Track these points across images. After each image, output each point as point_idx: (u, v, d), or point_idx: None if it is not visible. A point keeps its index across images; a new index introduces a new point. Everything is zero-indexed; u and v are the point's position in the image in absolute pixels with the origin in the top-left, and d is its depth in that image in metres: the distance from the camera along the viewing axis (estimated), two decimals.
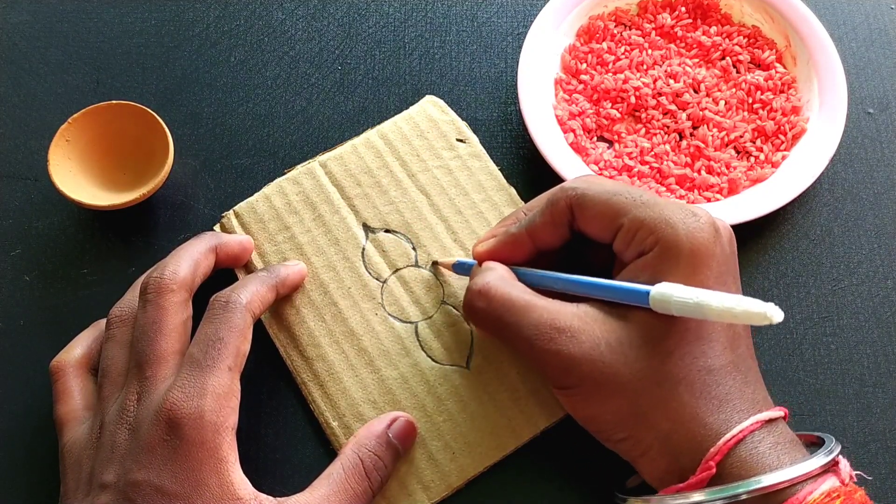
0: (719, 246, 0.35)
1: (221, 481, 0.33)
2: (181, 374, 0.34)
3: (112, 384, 0.36)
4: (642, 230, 0.34)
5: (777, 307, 0.29)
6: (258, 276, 0.39)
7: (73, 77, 0.49)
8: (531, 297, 0.36)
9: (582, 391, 0.34)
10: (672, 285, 0.32)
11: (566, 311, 0.35)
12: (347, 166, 0.45)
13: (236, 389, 0.35)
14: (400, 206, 0.44)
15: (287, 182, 0.44)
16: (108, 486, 0.33)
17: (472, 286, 0.37)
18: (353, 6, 0.52)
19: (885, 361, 0.43)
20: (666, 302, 0.32)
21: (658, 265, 0.34)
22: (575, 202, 0.36)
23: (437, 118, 0.47)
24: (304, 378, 0.41)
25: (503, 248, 0.39)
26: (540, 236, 0.38)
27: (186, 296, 0.37)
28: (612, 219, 0.35)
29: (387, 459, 0.37)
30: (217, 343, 0.35)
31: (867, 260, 0.45)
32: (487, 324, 0.37)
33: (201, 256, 0.39)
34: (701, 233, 0.34)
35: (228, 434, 0.34)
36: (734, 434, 0.32)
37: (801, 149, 0.46)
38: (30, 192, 0.46)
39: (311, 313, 0.41)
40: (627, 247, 0.35)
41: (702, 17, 0.51)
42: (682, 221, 0.34)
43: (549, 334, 0.34)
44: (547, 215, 0.37)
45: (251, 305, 0.37)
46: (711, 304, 0.30)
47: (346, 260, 0.43)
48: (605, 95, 0.48)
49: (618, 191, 0.36)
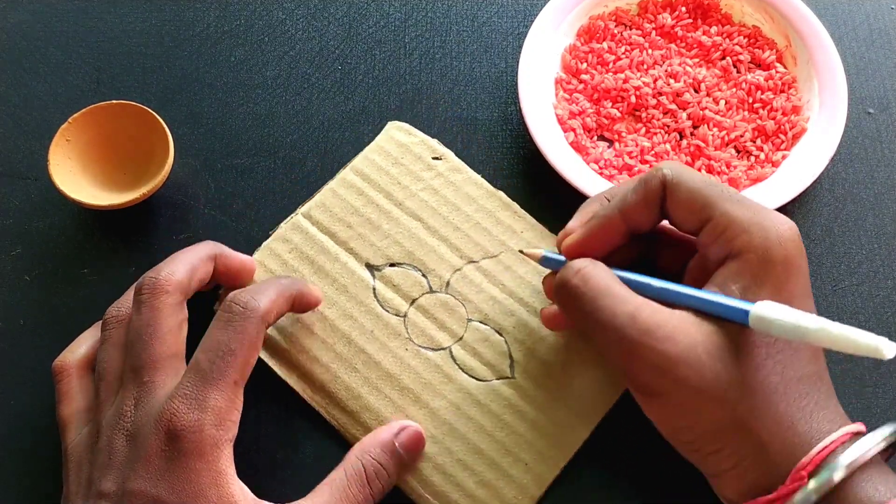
0: (804, 259, 0.34)
1: (220, 493, 0.33)
2: (184, 382, 0.34)
3: (108, 387, 0.36)
4: (733, 227, 0.33)
5: (891, 342, 0.28)
6: (279, 283, 0.38)
7: (73, 77, 0.49)
8: (628, 291, 0.34)
9: (675, 398, 0.33)
10: (772, 305, 0.31)
11: (663, 310, 0.33)
12: (332, 211, 0.44)
13: (239, 403, 0.35)
14: (397, 237, 0.43)
15: (276, 242, 0.43)
16: (106, 494, 0.33)
17: (570, 265, 0.36)
18: (353, 6, 0.52)
19: (886, 361, 0.43)
20: (766, 325, 0.31)
21: (753, 273, 0.33)
22: (669, 182, 0.35)
23: (406, 142, 0.46)
24: (355, 433, 0.39)
25: (596, 231, 0.37)
26: (632, 216, 0.36)
27: (181, 298, 0.37)
28: (702, 208, 0.34)
29: (390, 468, 0.37)
30: (227, 356, 0.34)
31: (867, 260, 0.45)
32: (577, 303, 0.35)
33: (199, 262, 0.38)
34: (792, 241, 0.33)
35: (227, 447, 0.34)
36: (826, 444, 0.32)
37: (802, 148, 0.46)
38: (30, 191, 0.46)
39: (341, 367, 0.40)
40: (714, 242, 0.34)
41: (702, 16, 0.51)
42: (774, 227, 0.33)
43: (645, 327, 0.32)
44: (640, 193, 0.36)
45: (268, 315, 0.36)
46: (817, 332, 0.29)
47: (361, 304, 0.42)
48: (606, 95, 0.48)
49: (711, 181, 0.35)
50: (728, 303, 0.33)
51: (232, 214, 0.46)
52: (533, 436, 0.39)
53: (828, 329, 0.29)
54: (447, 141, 0.47)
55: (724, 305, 0.33)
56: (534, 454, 0.39)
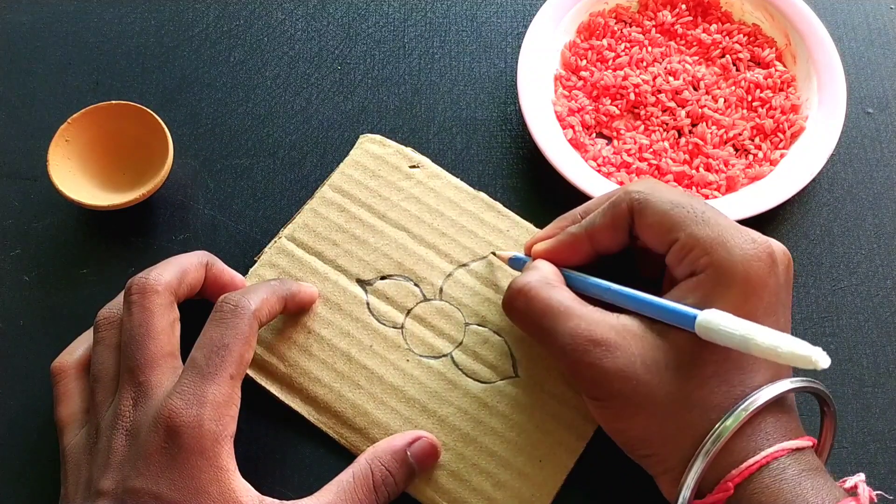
0: (774, 276, 0.34)
1: (222, 489, 0.33)
2: (182, 380, 0.34)
3: (104, 389, 0.36)
4: (697, 249, 0.34)
5: (824, 353, 0.28)
6: (269, 285, 0.38)
7: (72, 77, 0.49)
8: (571, 304, 0.35)
9: (612, 405, 0.34)
10: (720, 314, 0.31)
11: (605, 322, 0.34)
12: (315, 230, 0.44)
13: (237, 398, 0.35)
14: (384, 249, 0.43)
15: (263, 268, 0.43)
16: (105, 492, 0.33)
17: (514, 284, 0.37)
18: (352, 6, 0.52)
19: (885, 361, 0.43)
20: (712, 330, 0.31)
21: (709, 289, 0.33)
22: (636, 206, 0.35)
23: (381, 154, 0.46)
24: (365, 449, 0.39)
25: (562, 248, 0.38)
26: (599, 239, 0.37)
27: (171, 298, 0.37)
28: (669, 230, 0.35)
29: (398, 476, 0.37)
30: (221, 350, 0.34)
31: (866, 260, 0.45)
32: (524, 324, 0.37)
33: (190, 267, 0.38)
34: (757, 261, 0.33)
35: (227, 443, 0.34)
36: (758, 459, 0.32)
37: (800, 147, 0.46)
38: (30, 192, 0.46)
39: (344, 385, 0.40)
40: (680, 263, 0.35)
41: (702, 14, 0.51)
42: (738, 246, 0.33)
43: (584, 346, 0.34)
44: (608, 217, 0.36)
45: (259, 313, 0.36)
46: (757, 340, 0.30)
47: (357, 321, 0.42)
48: (605, 92, 0.48)
49: (679, 202, 0.35)
50: (678, 308, 0.33)
51: (231, 214, 0.46)
52: (545, 429, 0.39)
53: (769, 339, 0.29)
54: (446, 141, 0.47)
55: (673, 311, 0.33)
56: (548, 448, 0.39)
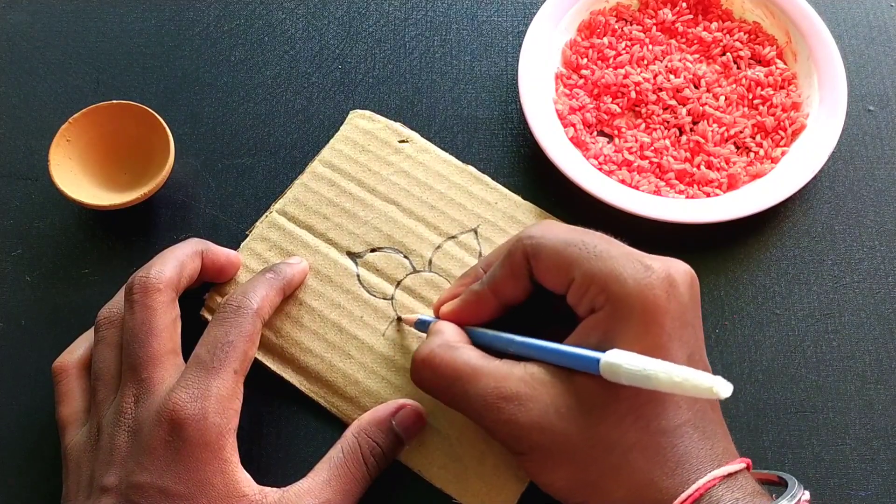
0: (674, 300, 0.32)
1: (226, 480, 0.33)
2: (186, 374, 0.34)
3: (106, 387, 0.36)
4: (593, 286, 0.33)
5: (725, 381, 0.28)
6: (266, 279, 0.39)
7: (73, 77, 0.49)
8: (477, 362, 0.34)
9: (534, 458, 0.33)
10: (622, 354, 0.31)
11: (513, 375, 0.33)
12: (306, 204, 0.44)
13: (240, 393, 0.35)
14: (374, 222, 0.44)
15: (255, 242, 0.43)
16: (109, 489, 0.33)
17: (417, 355, 0.36)
18: (353, 5, 0.52)
19: (887, 358, 0.43)
20: (615, 373, 0.31)
21: (609, 325, 0.32)
22: (530, 251, 0.35)
23: (370, 129, 0.46)
24: (356, 417, 0.39)
25: (467, 307, 0.37)
26: (502, 291, 0.36)
27: (173, 295, 0.37)
28: (565, 271, 0.34)
29: (385, 446, 0.37)
30: (226, 346, 0.35)
31: (868, 257, 0.45)
32: (436, 394, 0.36)
33: (187, 258, 0.38)
34: (652, 290, 0.32)
35: (231, 436, 0.34)
36: (689, 494, 0.31)
37: (801, 145, 0.46)
38: (30, 192, 0.46)
39: (336, 355, 0.41)
40: (580, 302, 0.34)
41: (703, 12, 0.51)
42: (632, 277, 0.32)
43: (496, 404, 0.33)
44: (506, 268, 0.36)
45: (262, 311, 0.37)
46: (659, 377, 0.29)
47: (347, 293, 0.42)
48: (606, 90, 0.48)
49: (572, 241, 0.34)
50: (580, 353, 0.32)
51: (232, 214, 0.46)
52: None
53: (670, 374, 0.29)
54: (447, 139, 0.47)
55: (576, 356, 0.32)
56: None
